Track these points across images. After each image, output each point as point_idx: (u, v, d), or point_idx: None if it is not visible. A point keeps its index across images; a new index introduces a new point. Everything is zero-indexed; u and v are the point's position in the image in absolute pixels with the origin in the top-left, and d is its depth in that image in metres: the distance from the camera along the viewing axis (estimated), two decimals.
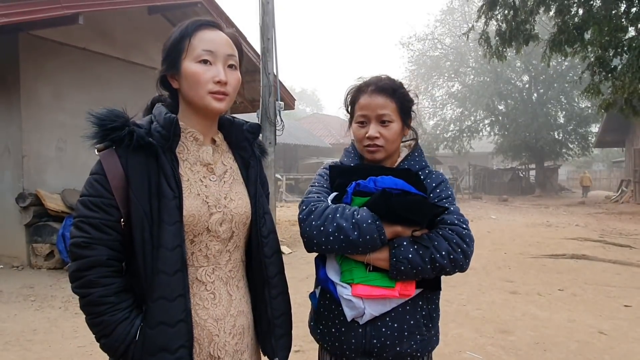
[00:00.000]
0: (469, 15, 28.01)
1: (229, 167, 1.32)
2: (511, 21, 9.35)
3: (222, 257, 1.25)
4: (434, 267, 1.28)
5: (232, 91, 1.22)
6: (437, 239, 1.29)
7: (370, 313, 1.33)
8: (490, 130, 29.60)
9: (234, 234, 1.27)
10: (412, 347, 1.37)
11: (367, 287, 1.31)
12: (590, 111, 25.07)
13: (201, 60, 1.19)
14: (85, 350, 3.59)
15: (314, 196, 1.41)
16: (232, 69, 1.23)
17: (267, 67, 7.61)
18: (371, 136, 1.41)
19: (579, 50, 9.21)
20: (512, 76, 28.89)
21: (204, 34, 1.21)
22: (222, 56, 1.21)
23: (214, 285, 1.23)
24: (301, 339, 3.77)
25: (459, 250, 1.29)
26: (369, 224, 1.26)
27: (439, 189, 1.43)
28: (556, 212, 16.64)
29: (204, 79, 1.18)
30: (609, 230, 11.08)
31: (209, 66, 1.19)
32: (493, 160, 36.33)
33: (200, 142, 1.27)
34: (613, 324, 4.24)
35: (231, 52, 1.22)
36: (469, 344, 3.74)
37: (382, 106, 1.41)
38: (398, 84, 1.46)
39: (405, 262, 1.27)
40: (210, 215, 1.21)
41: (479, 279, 5.96)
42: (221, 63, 1.20)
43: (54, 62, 6.70)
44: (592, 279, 6.06)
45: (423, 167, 1.49)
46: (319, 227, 1.30)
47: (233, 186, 1.30)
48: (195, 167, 1.24)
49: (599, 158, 42.54)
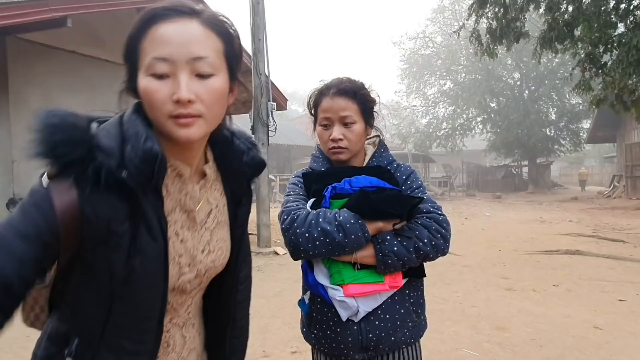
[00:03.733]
0: (459, 14, 28.14)
1: (214, 205, 1.02)
2: (501, 19, 9.40)
3: (183, 306, 1.03)
4: (419, 255, 1.33)
5: (206, 110, 0.85)
6: (417, 229, 1.34)
7: (364, 310, 1.37)
8: (482, 127, 29.78)
9: (202, 283, 1.04)
10: (406, 334, 1.42)
11: (358, 285, 1.34)
12: (582, 107, 25.28)
13: (153, 73, 0.83)
14: None
15: (293, 205, 1.43)
16: (206, 78, 0.85)
17: (258, 68, 7.60)
18: (335, 138, 1.45)
19: (569, 47, 9.27)
20: (504, 74, 29.06)
21: (157, 30, 0.83)
22: (184, 62, 0.82)
23: (169, 334, 1.01)
24: (297, 340, 3.76)
25: (438, 236, 1.35)
26: (352, 223, 1.29)
27: (410, 181, 1.49)
28: (549, 208, 16.72)
29: (159, 99, 0.82)
30: (602, 225, 11.14)
31: (164, 80, 0.82)
32: (486, 158, 36.53)
33: (185, 178, 0.94)
34: (608, 319, 4.26)
35: (200, 53, 0.83)
36: (465, 341, 3.73)
37: (343, 108, 1.44)
38: (359, 85, 1.49)
39: (392, 255, 1.31)
40: (179, 276, 0.95)
41: (474, 276, 5.97)
42: (184, 72, 0.82)
43: (42, 66, 6.65)
44: (586, 274, 6.08)
45: (391, 162, 1.54)
46: (304, 234, 1.31)
47: (215, 232, 1.02)
48: (172, 216, 0.93)
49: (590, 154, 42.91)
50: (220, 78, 0.88)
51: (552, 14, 8.98)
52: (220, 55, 0.88)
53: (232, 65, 0.92)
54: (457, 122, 29.97)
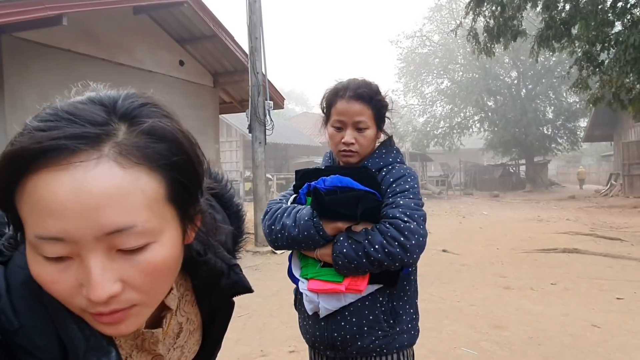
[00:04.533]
0: (456, 12, 28.13)
1: (184, 319, 0.77)
2: (499, 17, 9.40)
3: None
4: (370, 260, 1.28)
5: (144, 296, 0.56)
6: (371, 233, 1.31)
7: (325, 307, 1.38)
8: (480, 126, 29.81)
9: None
10: (374, 342, 1.38)
11: (318, 282, 1.37)
12: (579, 106, 25.34)
13: (44, 256, 0.56)
14: None
15: (277, 199, 1.54)
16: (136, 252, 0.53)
17: (255, 67, 7.57)
18: (347, 142, 1.44)
19: (566, 45, 9.28)
20: (501, 72, 29.09)
21: (37, 187, 0.49)
22: (90, 241, 0.50)
23: None
24: (295, 339, 3.74)
25: (395, 244, 1.27)
26: (306, 220, 1.32)
27: (395, 184, 1.41)
28: (547, 206, 16.75)
29: (59, 292, 0.56)
30: (599, 223, 11.15)
31: (64, 263, 0.55)
32: (483, 157, 36.58)
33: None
34: (606, 317, 4.25)
35: (119, 221, 0.50)
36: (464, 340, 3.72)
37: (358, 113, 1.43)
38: (375, 90, 1.48)
39: (342, 257, 1.30)
40: None
41: (472, 275, 5.96)
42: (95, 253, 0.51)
43: (38, 64, 6.60)
44: (583, 272, 6.08)
45: (389, 164, 1.49)
46: (270, 227, 1.40)
47: (186, 345, 0.79)
48: (133, 357, 0.69)
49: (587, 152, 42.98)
50: (164, 241, 0.55)
51: (550, 12, 8.99)
52: (160, 204, 0.54)
53: (183, 202, 0.58)
54: (454, 121, 29.99)
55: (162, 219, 0.54)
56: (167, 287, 0.60)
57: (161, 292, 0.60)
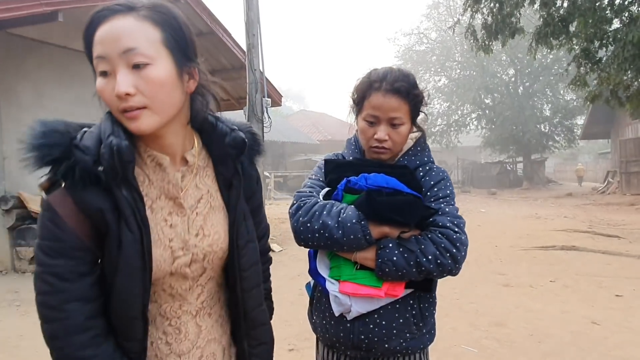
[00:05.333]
0: (454, 9, 28.12)
1: (205, 191, 1.05)
2: (497, 14, 9.38)
3: (192, 293, 1.06)
4: (420, 270, 1.24)
5: (149, 100, 0.89)
6: (424, 243, 1.25)
7: (357, 310, 1.31)
8: (477, 124, 29.84)
9: (207, 269, 1.07)
10: (402, 344, 1.34)
11: (354, 285, 1.29)
12: (576, 103, 25.38)
13: (100, 72, 0.90)
14: None
15: (306, 191, 1.39)
16: (142, 68, 0.88)
17: (252, 64, 7.53)
18: (380, 138, 1.34)
19: (564, 42, 9.26)
20: (498, 70, 29.12)
21: (97, 32, 0.89)
22: (117, 56, 0.87)
23: (180, 320, 1.05)
24: (295, 337, 3.72)
25: (447, 255, 1.24)
26: (353, 223, 1.23)
27: (437, 187, 1.37)
28: (544, 204, 16.78)
29: (107, 97, 0.90)
30: (597, 221, 11.17)
31: (108, 78, 0.89)
32: (481, 154, 36.60)
33: (165, 167, 0.99)
34: (606, 314, 4.25)
35: (130, 44, 0.87)
36: (464, 338, 3.71)
37: (395, 109, 1.33)
38: (412, 84, 1.36)
39: (390, 264, 1.24)
40: (173, 260, 0.99)
41: (471, 273, 5.95)
42: (121, 67, 0.87)
43: (33, 61, 6.56)
44: (582, 269, 6.08)
45: (425, 163, 1.43)
46: (306, 224, 1.28)
47: (209, 217, 1.05)
48: (158, 203, 0.99)
49: (584, 150, 43.09)
50: (159, 66, 0.90)
51: (548, 9, 8.96)
52: (157, 44, 0.90)
53: (177, 51, 0.94)
54: (451, 119, 30.01)
55: (157, 52, 0.90)
56: (167, 99, 0.92)
57: (163, 101, 0.91)
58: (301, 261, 6.44)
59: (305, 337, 3.70)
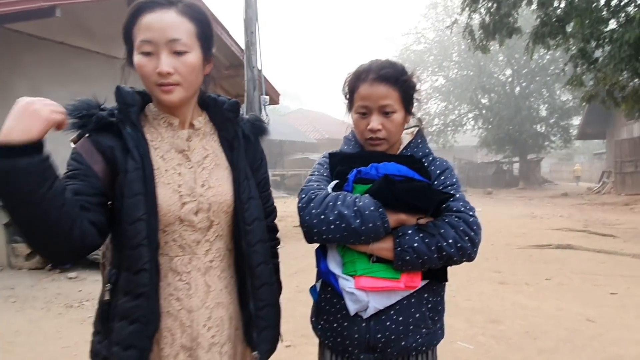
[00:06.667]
0: (451, 9, 28.15)
1: (210, 151, 1.25)
2: (494, 14, 9.41)
3: (201, 247, 1.20)
4: (441, 256, 1.22)
5: (182, 79, 1.12)
6: (443, 227, 1.23)
7: (374, 307, 1.26)
8: (474, 124, 29.91)
9: (214, 222, 1.21)
10: (418, 341, 1.31)
11: (371, 279, 1.25)
12: (572, 104, 25.49)
13: (142, 52, 1.10)
14: (69, 351, 3.49)
15: (314, 184, 1.34)
16: (181, 55, 1.11)
17: (251, 61, 7.53)
18: (373, 128, 1.33)
19: (561, 42, 9.29)
20: (495, 70, 29.20)
21: (143, 20, 1.10)
22: (163, 43, 1.09)
23: (190, 276, 1.19)
24: (292, 333, 3.73)
25: (466, 238, 1.23)
26: (372, 211, 1.19)
27: (444, 176, 1.37)
28: (540, 203, 16.85)
29: (147, 72, 1.11)
30: (592, 220, 11.24)
31: (150, 57, 1.10)
32: (477, 154, 36.71)
33: (175, 126, 1.21)
34: (600, 312, 4.28)
35: (175, 36, 1.10)
36: (460, 334, 3.73)
37: (384, 96, 1.32)
38: (400, 70, 1.36)
39: (410, 251, 1.21)
40: (182, 205, 1.16)
41: (467, 270, 5.96)
42: (164, 51, 1.09)
43: (31, 57, 6.52)
44: (578, 268, 6.12)
45: (427, 154, 1.42)
46: (319, 216, 1.23)
47: (214, 172, 1.23)
48: (168, 155, 1.19)
49: (580, 150, 43.22)
50: (193, 54, 1.14)
51: (545, 9, 9.00)
52: (193, 37, 1.14)
53: (204, 43, 1.18)
54: (448, 118, 30.09)
55: (193, 43, 1.14)
56: (195, 80, 1.16)
57: (192, 81, 1.15)
58: (297, 259, 6.45)
59: (302, 334, 3.71)
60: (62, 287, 5.38)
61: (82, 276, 5.81)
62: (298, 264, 6.20)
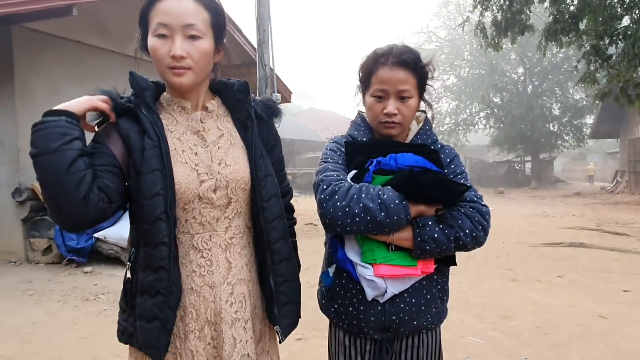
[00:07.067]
0: (463, 8, 27.98)
1: (225, 131, 1.30)
2: (506, 11, 9.36)
3: (220, 224, 1.25)
4: (458, 245, 1.28)
5: (194, 64, 1.17)
6: (460, 218, 1.28)
7: (391, 292, 1.32)
8: (485, 123, 29.66)
9: (232, 200, 1.26)
10: (428, 320, 1.39)
11: (390, 266, 1.30)
12: (585, 103, 25.21)
13: (158, 35, 1.15)
14: (86, 342, 3.57)
15: (334, 174, 1.32)
16: (195, 39, 1.16)
17: (263, 59, 7.57)
18: (389, 113, 1.34)
19: (574, 39, 9.22)
20: (507, 68, 28.93)
21: (161, 4, 1.16)
22: (179, 28, 1.14)
23: (211, 252, 1.23)
24: (303, 327, 3.75)
25: (480, 228, 1.29)
26: (397, 204, 1.22)
27: (453, 164, 1.41)
28: (552, 203, 16.70)
29: (161, 54, 1.15)
30: (605, 219, 11.12)
31: (165, 40, 1.15)
32: (489, 153, 36.43)
33: (188, 109, 1.27)
34: (613, 308, 4.26)
35: (191, 21, 1.15)
36: (470, 330, 3.74)
37: (403, 81, 1.33)
38: (418, 56, 1.37)
39: (430, 242, 1.25)
40: (200, 182, 1.21)
41: (478, 267, 5.97)
42: (179, 35, 1.14)
43: (48, 55, 6.63)
44: (590, 265, 6.08)
45: (434, 142, 1.46)
46: (344, 209, 1.23)
47: (230, 150, 1.28)
48: (184, 137, 1.25)
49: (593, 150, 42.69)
50: (206, 41, 1.19)
51: (558, 6, 8.94)
52: (207, 24, 1.19)
53: (217, 32, 1.23)
54: (460, 117, 29.89)
55: (207, 31, 1.19)
56: (205, 66, 1.21)
57: (203, 67, 1.20)
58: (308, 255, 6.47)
59: (314, 327, 3.75)
60: (78, 281, 5.49)
61: (98, 271, 5.92)
62: (309, 260, 6.22)
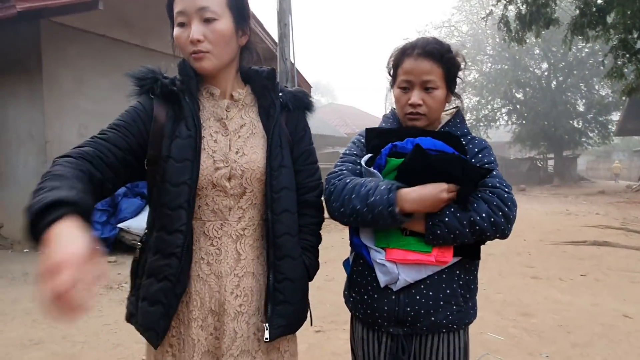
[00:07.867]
0: (486, 1, 27.53)
1: (248, 120, 1.29)
2: (531, 4, 9.18)
3: (233, 213, 1.23)
4: (474, 230, 1.22)
5: (212, 47, 1.17)
6: (476, 201, 1.24)
7: (404, 279, 1.27)
8: (507, 119, 29.20)
9: (247, 190, 1.23)
10: (448, 317, 1.31)
11: (401, 251, 1.27)
12: (611, 99, 24.57)
13: (178, 24, 1.17)
14: (110, 328, 3.66)
15: (337, 170, 1.37)
16: (210, 22, 1.15)
17: (284, 53, 7.60)
18: (414, 103, 1.33)
19: (601, 33, 9.00)
20: (531, 64, 28.39)
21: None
22: (193, 13, 1.15)
23: (221, 241, 1.22)
24: (321, 319, 3.79)
25: (499, 214, 1.23)
26: (380, 210, 1.21)
27: (481, 154, 1.36)
28: (575, 201, 16.38)
29: (182, 42, 1.18)
30: (631, 218, 10.87)
31: (185, 28, 1.17)
32: (510, 150, 35.88)
33: (216, 96, 1.27)
34: (637, 308, 4.17)
35: (204, 4, 1.14)
36: (491, 326, 3.71)
37: (427, 72, 1.32)
38: (446, 48, 1.36)
39: (442, 225, 1.21)
40: (215, 169, 1.20)
41: (499, 265, 5.91)
42: (195, 20, 1.15)
43: (74, 49, 6.78)
44: (614, 264, 5.96)
45: (465, 134, 1.41)
46: (339, 209, 1.29)
47: (249, 140, 1.26)
48: (207, 123, 1.24)
49: (619, 147, 41.73)
50: (223, 22, 1.17)
51: None
52: (223, 5, 1.18)
53: (236, 12, 1.21)
54: (481, 113, 29.47)
55: (223, 12, 1.17)
56: (226, 48, 1.20)
57: (223, 49, 1.19)
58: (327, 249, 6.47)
59: (332, 320, 3.77)
60: None
61: (121, 260, 6.04)
62: (327, 254, 6.22)
